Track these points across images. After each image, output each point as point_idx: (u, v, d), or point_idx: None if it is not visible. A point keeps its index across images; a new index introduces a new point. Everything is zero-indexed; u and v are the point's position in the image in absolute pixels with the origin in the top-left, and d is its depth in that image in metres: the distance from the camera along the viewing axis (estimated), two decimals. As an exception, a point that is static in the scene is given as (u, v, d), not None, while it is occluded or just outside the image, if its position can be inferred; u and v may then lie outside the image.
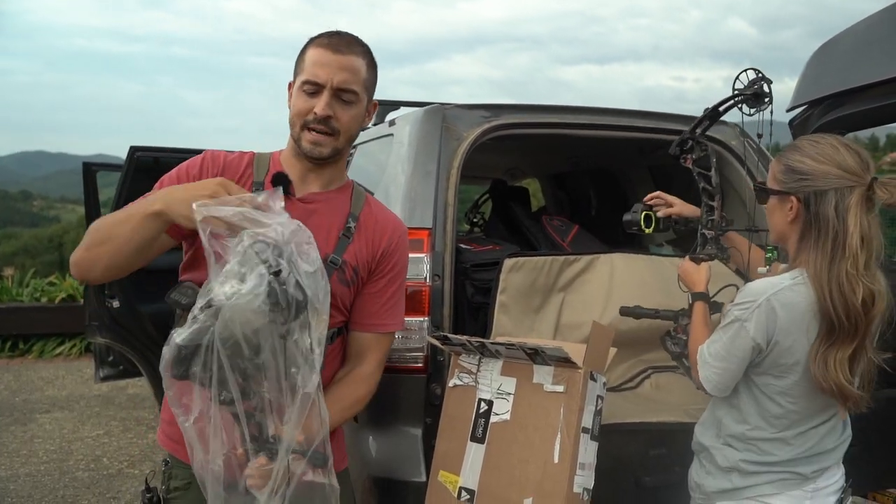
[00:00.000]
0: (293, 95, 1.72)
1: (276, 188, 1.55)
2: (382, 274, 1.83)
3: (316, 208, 1.76)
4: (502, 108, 2.84)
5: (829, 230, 1.68)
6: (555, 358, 1.98)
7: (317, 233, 1.73)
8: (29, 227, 69.70)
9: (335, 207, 1.79)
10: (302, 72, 1.70)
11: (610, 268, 2.81)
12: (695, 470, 1.96)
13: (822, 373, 1.68)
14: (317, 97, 1.68)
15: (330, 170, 1.79)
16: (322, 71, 1.67)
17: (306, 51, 1.72)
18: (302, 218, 1.71)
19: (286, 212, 1.52)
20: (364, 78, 1.73)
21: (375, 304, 1.83)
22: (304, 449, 1.45)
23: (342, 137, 1.73)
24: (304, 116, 1.69)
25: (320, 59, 1.68)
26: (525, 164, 5.44)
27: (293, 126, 1.72)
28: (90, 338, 5.20)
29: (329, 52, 1.68)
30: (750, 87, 2.05)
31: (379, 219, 1.85)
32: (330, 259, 1.73)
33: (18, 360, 7.96)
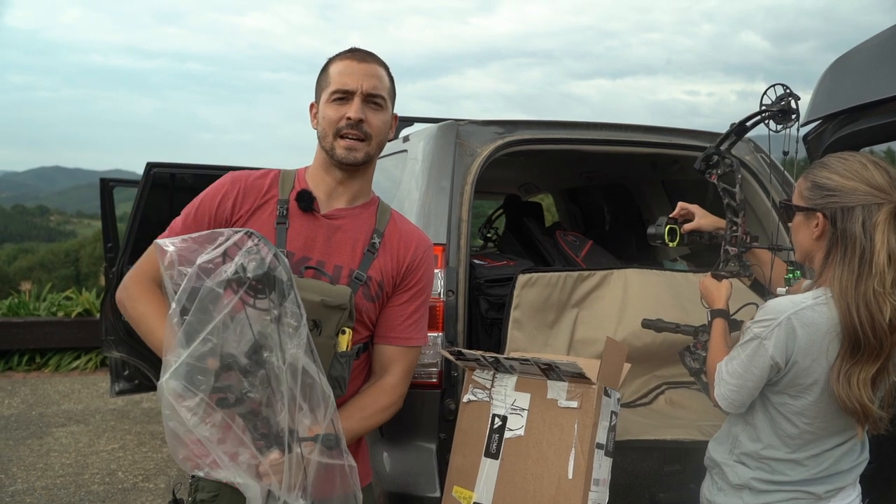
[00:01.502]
0: (322, 108, 1.77)
1: None
2: (407, 287, 1.85)
3: (341, 224, 1.78)
4: (516, 124, 2.86)
5: (855, 247, 1.66)
6: (569, 373, 1.98)
7: (341, 248, 1.76)
8: (46, 242, 70.35)
9: (360, 223, 1.81)
10: (328, 85, 1.76)
11: (624, 283, 2.80)
12: (706, 486, 1.95)
13: (845, 391, 1.65)
14: (347, 104, 1.74)
15: (358, 182, 1.82)
16: (351, 79, 1.73)
17: (329, 67, 1.78)
18: (327, 234, 1.75)
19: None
20: (388, 86, 1.80)
21: (400, 318, 1.85)
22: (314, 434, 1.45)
23: (374, 142, 1.78)
24: (336, 124, 1.74)
25: (347, 69, 1.75)
26: (539, 179, 5.45)
27: (325, 137, 1.76)
28: (106, 352, 5.23)
29: (354, 62, 1.76)
30: (777, 104, 2.05)
31: (404, 233, 1.87)
32: (355, 275, 1.75)
33: (35, 373, 8.01)
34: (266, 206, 1.76)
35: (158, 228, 4.91)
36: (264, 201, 1.77)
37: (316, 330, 1.59)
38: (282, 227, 1.73)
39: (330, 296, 1.62)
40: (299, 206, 1.76)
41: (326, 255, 1.75)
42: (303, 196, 1.75)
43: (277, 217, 1.74)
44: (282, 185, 1.80)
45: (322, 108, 1.77)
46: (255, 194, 1.78)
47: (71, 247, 48.08)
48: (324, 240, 1.75)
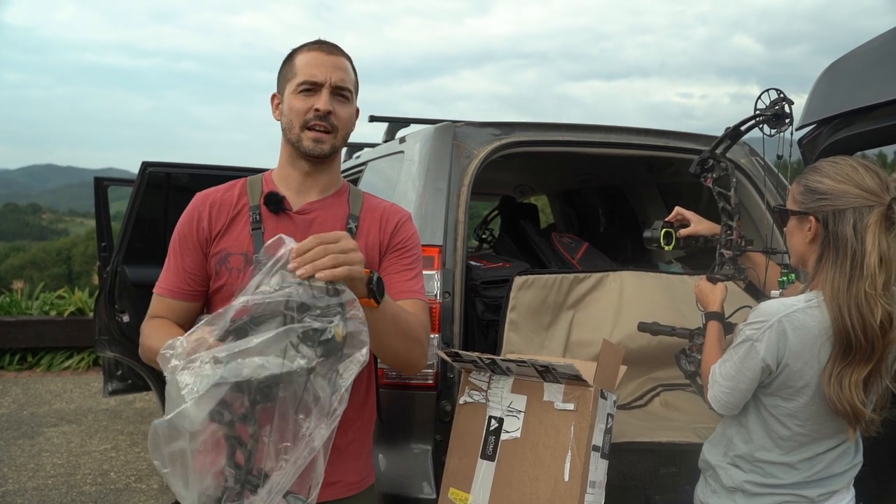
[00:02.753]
0: (288, 99, 1.75)
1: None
2: (393, 250, 1.83)
3: (314, 217, 1.78)
4: (513, 125, 2.86)
5: (847, 249, 1.68)
6: (565, 376, 1.98)
7: None
8: (38, 241, 70.02)
9: (333, 212, 1.81)
10: (294, 76, 1.74)
11: (619, 285, 2.81)
12: (700, 489, 1.96)
13: (836, 393, 1.67)
14: (315, 96, 1.72)
15: (326, 173, 1.81)
16: (319, 70, 1.72)
17: (294, 58, 1.77)
18: (301, 230, 1.73)
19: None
20: (353, 79, 1.80)
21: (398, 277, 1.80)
22: (287, 492, 1.39)
23: (340, 134, 1.77)
24: (304, 116, 1.72)
25: (315, 61, 1.73)
26: (534, 181, 5.46)
27: (291, 129, 1.75)
28: (99, 352, 5.22)
29: (322, 54, 1.75)
30: (771, 108, 2.07)
31: (381, 208, 1.86)
32: None
33: (27, 373, 7.98)
34: (240, 216, 1.76)
35: (153, 228, 4.92)
36: (237, 212, 1.76)
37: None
38: (257, 232, 1.73)
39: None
40: (269, 209, 1.75)
41: None
42: (271, 198, 1.75)
43: (252, 224, 1.74)
44: (251, 191, 1.80)
45: (288, 98, 1.74)
46: (227, 208, 1.77)
47: (63, 245, 47.92)
48: (301, 237, 1.73)
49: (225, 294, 1.70)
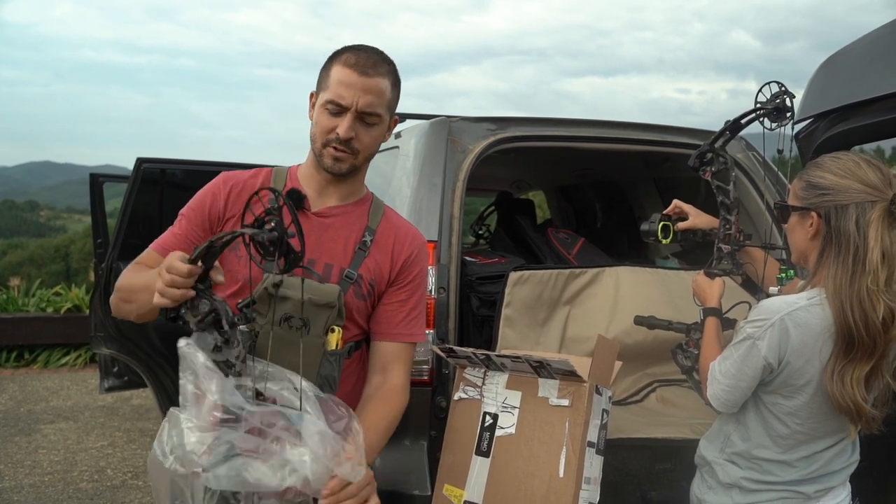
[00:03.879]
0: (317, 111, 1.72)
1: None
2: (404, 284, 1.83)
3: (331, 222, 1.77)
4: (508, 120, 2.85)
5: (849, 245, 1.66)
6: (560, 371, 1.97)
7: (332, 246, 1.75)
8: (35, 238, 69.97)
9: (351, 221, 1.80)
10: (326, 89, 1.70)
11: (615, 281, 2.80)
12: (696, 484, 1.95)
13: (838, 390, 1.65)
14: (340, 117, 1.69)
15: (348, 183, 1.81)
16: (347, 93, 1.67)
17: (332, 66, 1.71)
18: (317, 231, 1.73)
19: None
20: (388, 99, 1.74)
21: (400, 314, 1.82)
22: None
23: (361, 156, 1.75)
24: (326, 135, 1.70)
25: (346, 80, 1.67)
26: (531, 176, 5.45)
27: (314, 142, 1.73)
28: (95, 348, 5.21)
29: (355, 74, 1.67)
30: (772, 101, 2.05)
31: (399, 230, 1.85)
32: (346, 273, 1.74)
33: (23, 370, 7.96)
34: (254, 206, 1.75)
35: (148, 224, 4.90)
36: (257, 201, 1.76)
37: (304, 328, 1.59)
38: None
39: (317, 294, 1.61)
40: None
41: (317, 253, 1.74)
42: (292, 195, 1.73)
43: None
44: (275, 182, 1.79)
45: (317, 110, 1.72)
46: (247, 194, 1.75)
47: (61, 242, 47.87)
48: (314, 238, 1.74)
49: (229, 279, 1.66)
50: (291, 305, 1.56)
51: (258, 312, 1.55)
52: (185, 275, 1.35)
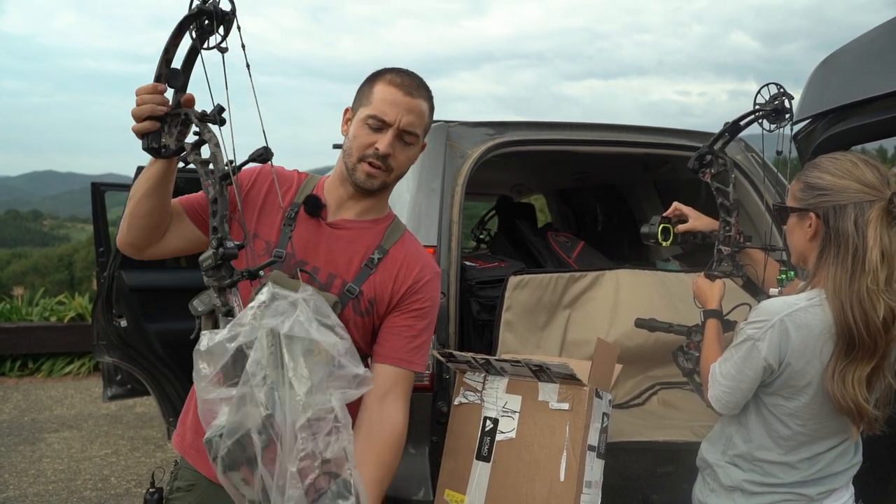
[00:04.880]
0: (355, 126, 1.73)
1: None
2: (408, 309, 1.79)
3: (343, 235, 1.77)
4: (506, 125, 2.85)
5: (848, 245, 1.66)
6: (560, 375, 1.97)
7: (339, 258, 1.75)
8: (39, 247, 70.10)
9: (364, 237, 1.79)
10: (368, 105, 1.72)
11: (615, 284, 2.80)
12: (698, 487, 1.94)
13: (840, 391, 1.65)
14: (380, 133, 1.70)
15: (371, 200, 1.81)
16: (391, 110, 1.70)
17: (375, 84, 1.74)
18: (326, 241, 1.74)
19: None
20: (426, 122, 1.78)
21: (404, 339, 1.78)
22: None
23: (394, 175, 1.77)
24: (364, 150, 1.71)
25: (391, 98, 1.70)
26: (530, 180, 5.45)
27: (350, 155, 1.74)
28: (98, 357, 5.21)
29: (401, 93, 1.71)
30: (771, 103, 2.05)
31: (410, 255, 1.83)
32: (347, 287, 1.73)
33: (27, 379, 7.97)
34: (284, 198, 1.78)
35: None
36: (286, 196, 1.79)
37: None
38: (287, 228, 1.73)
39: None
40: (306, 210, 1.76)
41: (323, 262, 1.74)
42: (311, 201, 1.76)
43: (285, 219, 1.74)
44: (302, 188, 1.81)
45: (356, 125, 1.73)
46: (286, 184, 1.80)
47: (65, 251, 47.95)
48: (324, 247, 1.75)
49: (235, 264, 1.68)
50: None
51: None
52: (149, 90, 1.41)
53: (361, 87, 1.77)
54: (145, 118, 1.42)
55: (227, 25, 1.31)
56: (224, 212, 1.33)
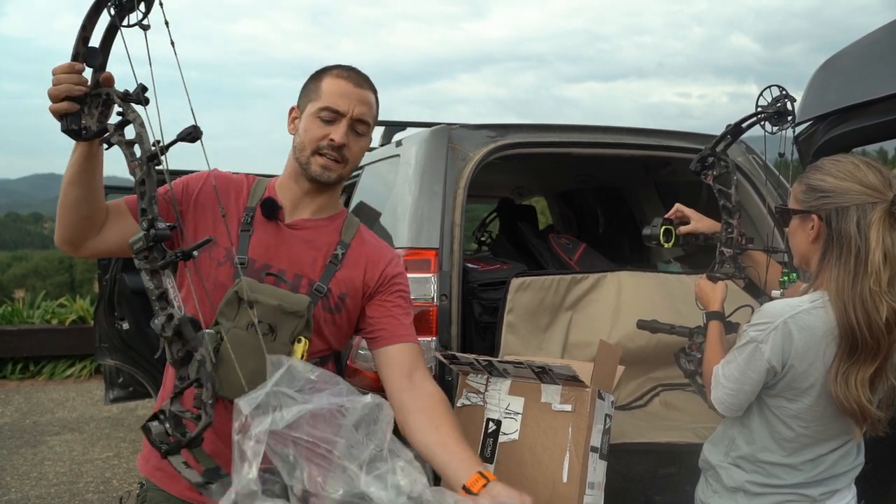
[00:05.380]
0: (306, 120, 1.74)
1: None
2: (392, 292, 1.84)
3: (303, 235, 1.77)
4: (508, 127, 2.86)
5: (851, 247, 1.66)
6: (562, 377, 1.97)
7: (303, 258, 1.75)
8: (40, 250, 70.04)
9: (324, 235, 1.80)
10: (318, 99, 1.73)
11: (617, 286, 2.80)
12: (701, 489, 1.94)
13: (843, 392, 1.65)
14: (333, 125, 1.71)
15: (326, 196, 1.81)
16: (343, 101, 1.71)
17: (322, 80, 1.75)
18: (289, 244, 1.73)
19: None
20: (374, 114, 1.80)
21: (401, 317, 1.82)
22: None
23: (349, 166, 1.77)
24: (318, 142, 1.72)
25: (342, 90, 1.72)
26: (532, 182, 5.45)
27: (303, 150, 1.74)
28: (100, 359, 5.22)
29: (351, 85, 1.73)
30: (773, 105, 2.06)
31: (373, 246, 1.86)
32: (315, 286, 1.73)
33: (29, 381, 7.98)
34: (235, 209, 1.75)
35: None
36: (238, 202, 1.76)
37: (271, 335, 1.59)
38: (245, 234, 1.72)
39: (287, 301, 1.62)
40: (263, 213, 1.74)
41: (287, 264, 1.73)
42: (267, 204, 1.74)
43: (242, 224, 1.72)
44: (253, 192, 1.79)
45: (306, 120, 1.74)
46: (235, 190, 1.78)
47: (65, 254, 47.88)
48: (286, 249, 1.74)
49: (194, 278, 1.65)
50: (260, 311, 1.56)
51: (226, 316, 1.56)
52: (65, 69, 1.35)
53: (307, 85, 1.78)
54: (62, 98, 1.36)
55: (147, 2, 1.25)
56: (153, 193, 1.27)
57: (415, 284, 2.47)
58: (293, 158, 1.77)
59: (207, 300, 1.62)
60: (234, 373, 1.54)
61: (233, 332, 1.57)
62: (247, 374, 1.56)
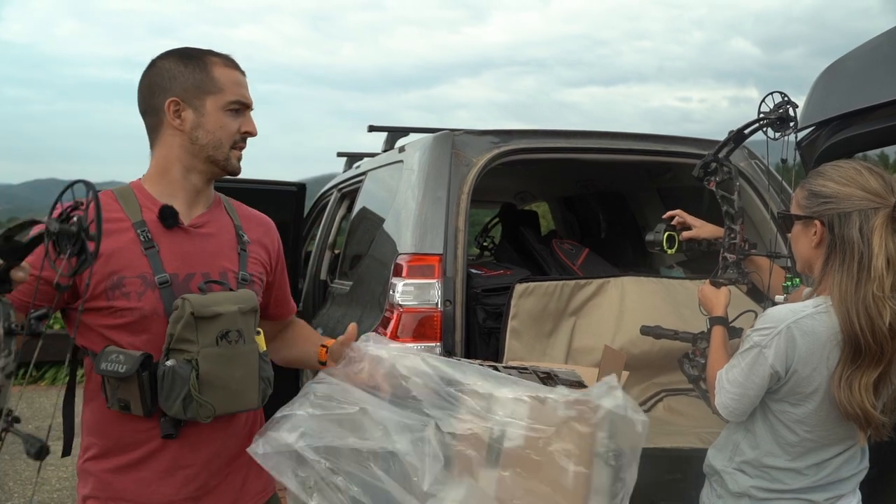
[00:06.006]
0: (215, 116, 1.65)
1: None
2: (280, 266, 1.88)
3: (208, 231, 1.70)
4: (511, 133, 2.86)
5: (854, 252, 1.66)
6: (568, 382, 1.97)
7: (218, 253, 1.70)
8: (41, 255, 69.84)
9: (222, 224, 1.75)
10: (220, 91, 1.66)
11: (620, 291, 2.80)
12: (705, 494, 1.94)
13: (846, 397, 1.65)
14: (241, 116, 1.69)
15: (209, 188, 1.75)
16: (245, 91, 1.70)
17: (210, 69, 1.66)
18: (200, 245, 1.67)
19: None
20: None
21: (286, 292, 1.93)
22: None
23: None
24: (234, 136, 1.68)
25: (238, 79, 1.70)
26: (534, 187, 5.46)
27: (219, 146, 1.66)
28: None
29: (239, 73, 1.71)
30: (775, 111, 2.06)
31: (257, 218, 1.85)
32: (241, 276, 1.70)
33: (31, 387, 7.97)
34: (119, 233, 1.58)
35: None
36: (114, 229, 1.56)
37: (241, 340, 1.57)
38: (152, 251, 1.58)
39: (242, 302, 1.60)
40: (164, 224, 1.62)
41: (209, 266, 1.67)
42: (166, 213, 1.62)
43: (143, 242, 1.58)
44: (125, 206, 1.62)
45: (215, 115, 1.65)
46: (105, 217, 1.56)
47: (66, 259, 47.80)
48: (199, 251, 1.66)
49: (128, 318, 1.56)
50: (226, 321, 1.54)
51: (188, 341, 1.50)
52: None
53: (188, 75, 1.64)
54: None
55: (81, 259, 1.17)
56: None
57: (418, 290, 2.48)
58: (189, 155, 1.66)
59: (142, 335, 1.55)
60: (225, 389, 1.54)
61: (204, 351, 1.51)
62: (238, 383, 1.57)
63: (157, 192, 1.67)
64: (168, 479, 1.61)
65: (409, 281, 2.50)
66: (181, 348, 1.51)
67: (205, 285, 1.61)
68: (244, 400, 1.61)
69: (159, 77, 1.66)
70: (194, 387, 1.49)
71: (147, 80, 1.68)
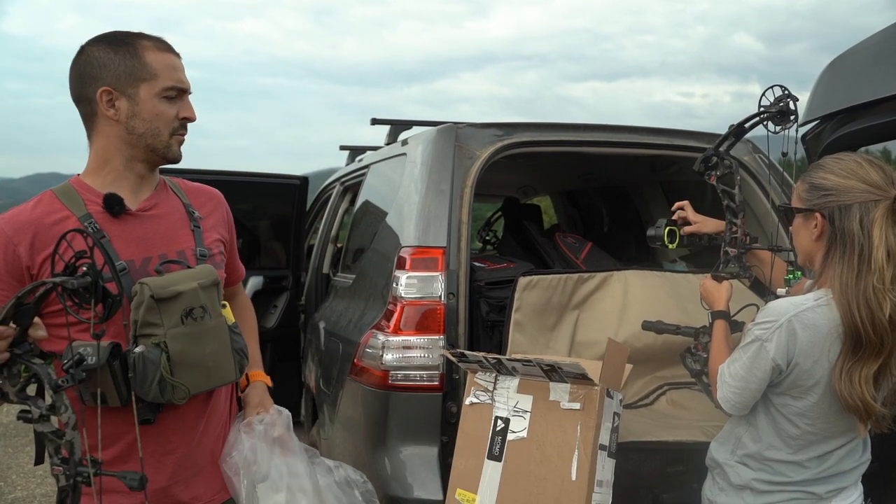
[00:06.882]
0: (151, 103, 1.61)
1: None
2: (232, 233, 1.89)
3: (157, 213, 1.69)
4: (515, 126, 2.86)
5: (854, 244, 1.67)
6: (571, 375, 1.98)
7: (172, 234, 1.69)
8: (43, 249, 69.78)
9: (171, 204, 1.74)
10: (155, 77, 1.61)
11: (624, 285, 2.80)
12: (708, 486, 1.95)
13: (847, 389, 1.66)
14: (179, 101, 1.66)
15: (154, 172, 1.73)
16: (181, 75, 1.66)
17: (143, 54, 1.61)
18: (152, 228, 1.66)
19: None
20: None
21: (235, 256, 1.93)
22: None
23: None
24: (173, 123, 1.65)
25: (174, 64, 1.65)
26: (537, 181, 5.46)
27: (158, 135, 1.63)
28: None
29: (173, 55, 1.66)
30: (776, 105, 2.06)
31: (205, 193, 1.85)
32: (199, 252, 1.70)
33: (34, 380, 8.00)
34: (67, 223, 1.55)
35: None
36: (57, 228, 1.53)
37: (207, 315, 1.58)
38: (104, 241, 1.55)
39: (201, 277, 1.60)
40: (111, 213, 1.60)
41: (165, 246, 1.66)
42: (111, 201, 1.59)
43: (94, 235, 1.51)
44: (69, 203, 1.59)
45: (151, 103, 1.60)
46: (42, 229, 1.55)
47: (68, 253, 47.76)
48: (151, 234, 1.66)
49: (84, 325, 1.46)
50: (188, 299, 1.54)
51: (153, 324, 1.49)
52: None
53: (119, 62, 1.59)
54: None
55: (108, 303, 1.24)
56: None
57: (422, 283, 2.48)
58: (127, 145, 1.62)
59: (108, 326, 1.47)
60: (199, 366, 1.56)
61: (172, 332, 1.51)
62: (211, 359, 1.59)
63: (98, 183, 1.64)
64: (156, 466, 1.61)
65: (413, 274, 2.50)
66: (148, 333, 1.50)
67: (161, 266, 1.59)
68: (221, 375, 1.63)
69: (88, 66, 1.61)
70: (165, 369, 1.50)
71: (76, 69, 1.63)
